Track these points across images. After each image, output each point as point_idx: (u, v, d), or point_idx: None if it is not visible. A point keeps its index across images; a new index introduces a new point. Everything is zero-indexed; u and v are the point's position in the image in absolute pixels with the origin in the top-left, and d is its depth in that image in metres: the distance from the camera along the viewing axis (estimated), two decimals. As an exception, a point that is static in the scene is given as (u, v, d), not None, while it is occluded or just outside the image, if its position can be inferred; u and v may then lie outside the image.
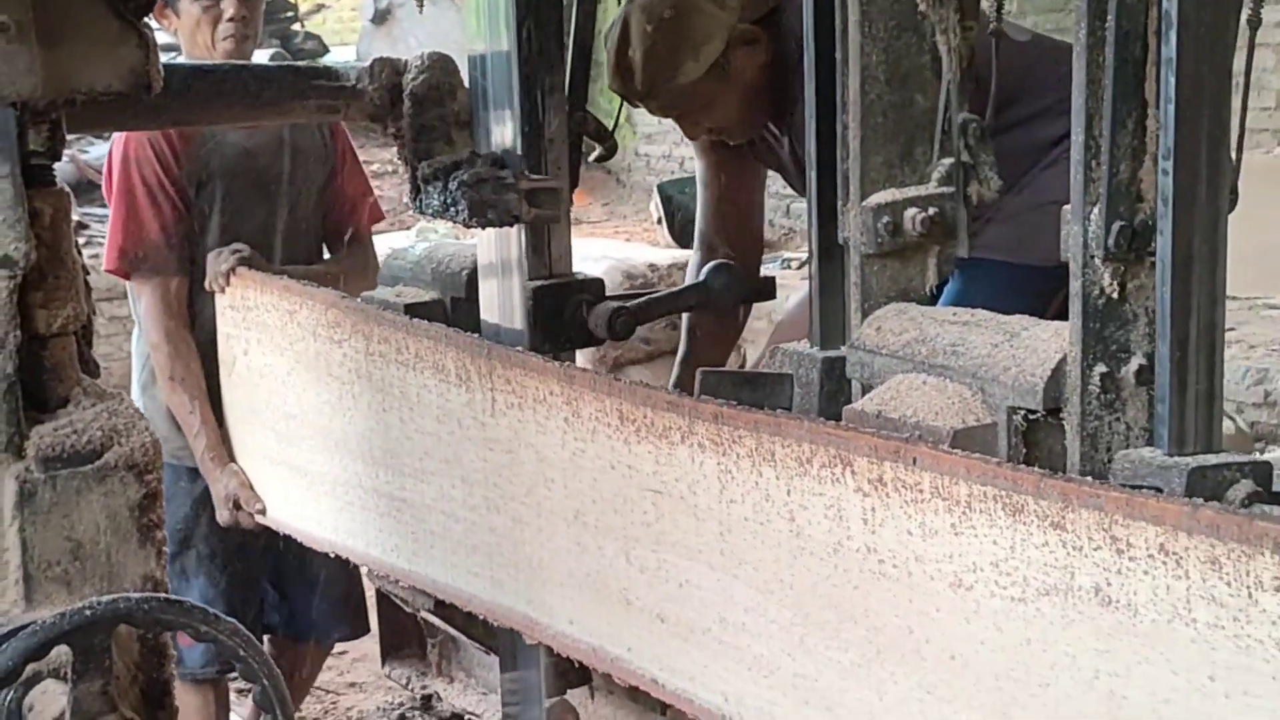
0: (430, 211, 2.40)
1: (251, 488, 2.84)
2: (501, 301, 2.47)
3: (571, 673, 2.61)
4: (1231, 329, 7.13)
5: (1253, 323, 7.30)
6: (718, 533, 1.84)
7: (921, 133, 1.88)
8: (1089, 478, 1.52)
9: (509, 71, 2.37)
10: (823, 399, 1.92)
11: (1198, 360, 1.58)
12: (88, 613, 1.51)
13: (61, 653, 1.52)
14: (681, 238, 9.07)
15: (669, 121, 2.96)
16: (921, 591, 1.60)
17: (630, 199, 12.28)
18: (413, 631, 3.39)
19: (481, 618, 2.37)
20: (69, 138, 1.81)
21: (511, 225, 2.37)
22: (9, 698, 1.55)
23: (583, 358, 5.47)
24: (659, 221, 9.81)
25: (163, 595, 1.63)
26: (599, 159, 2.61)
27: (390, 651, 3.40)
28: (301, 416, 2.68)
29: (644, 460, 1.93)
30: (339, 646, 4.72)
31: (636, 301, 2.44)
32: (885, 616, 1.64)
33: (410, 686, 3.34)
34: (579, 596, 2.09)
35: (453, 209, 2.34)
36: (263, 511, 2.81)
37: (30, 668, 1.53)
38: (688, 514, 1.88)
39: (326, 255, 3.26)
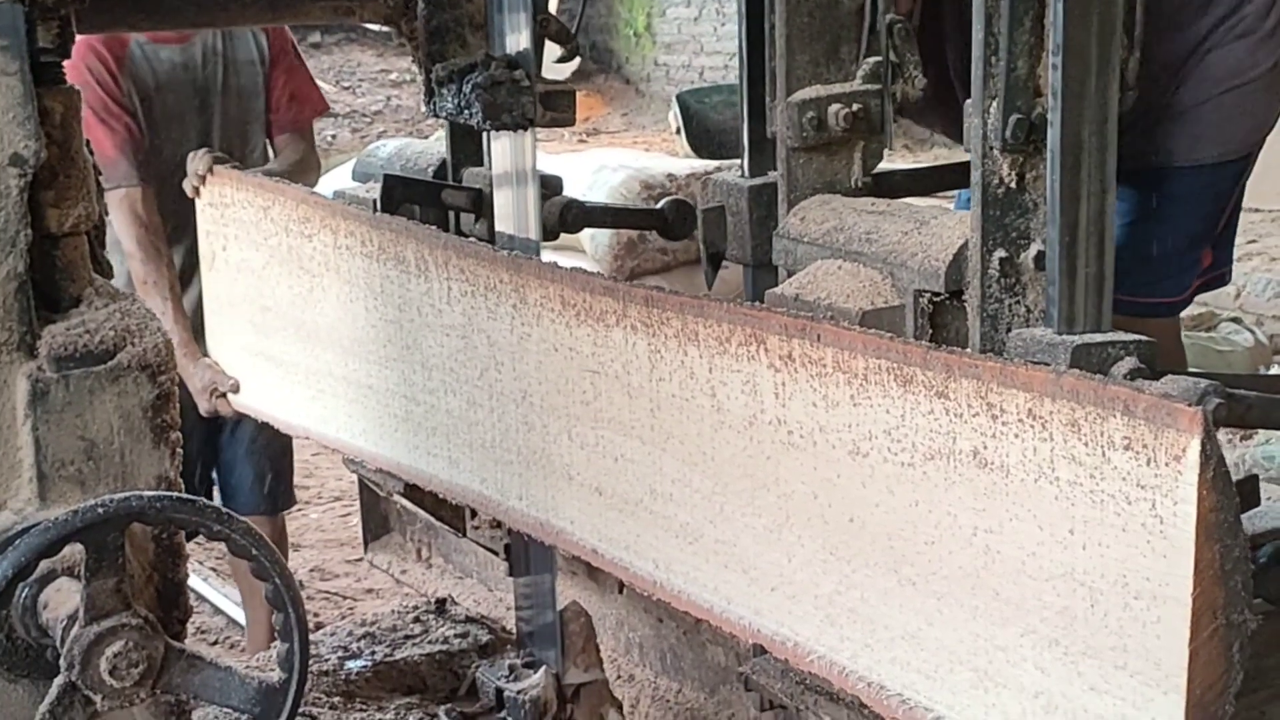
0: (444, 114, 2.42)
1: (223, 372, 2.97)
2: (516, 212, 2.46)
3: (534, 554, 2.74)
4: (1253, 241, 7.15)
5: (1275, 234, 7.31)
6: (649, 409, 1.96)
7: (846, 33, 1.97)
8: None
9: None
10: (753, 224, 2.02)
11: (1088, 246, 1.68)
12: (100, 510, 1.50)
13: (76, 551, 1.52)
14: (699, 148, 9.05)
15: (689, 30, 2.96)
16: (825, 459, 1.71)
17: (649, 109, 12.30)
18: (393, 519, 3.54)
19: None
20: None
21: (526, 129, 2.37)
22: (24, 594, 1.56)
23: (599, 266, 5.54)
24: (677, 132, 9.79)
25: (176, 494, 1.60)
26: (561, 60, 2.70)
27: (371, 538, 3.56)
28: (276, 309, 2.80)
29: (583, 342, 2.04)
30: (353, 554, 4.87)
31: (593, 203, 2.54)
32: (794, 484, 1.76)
33: (390, 571, 3.49)
34: (527, 473, 2.21)
35: (467, 111, 2.35)
36: (236, 388, 2.94)
37: (44, 565, 1.52)
38: (622, 392, 1.99)
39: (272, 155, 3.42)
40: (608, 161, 6.29)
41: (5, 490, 1.59)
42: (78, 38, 1.70)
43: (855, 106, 1.96)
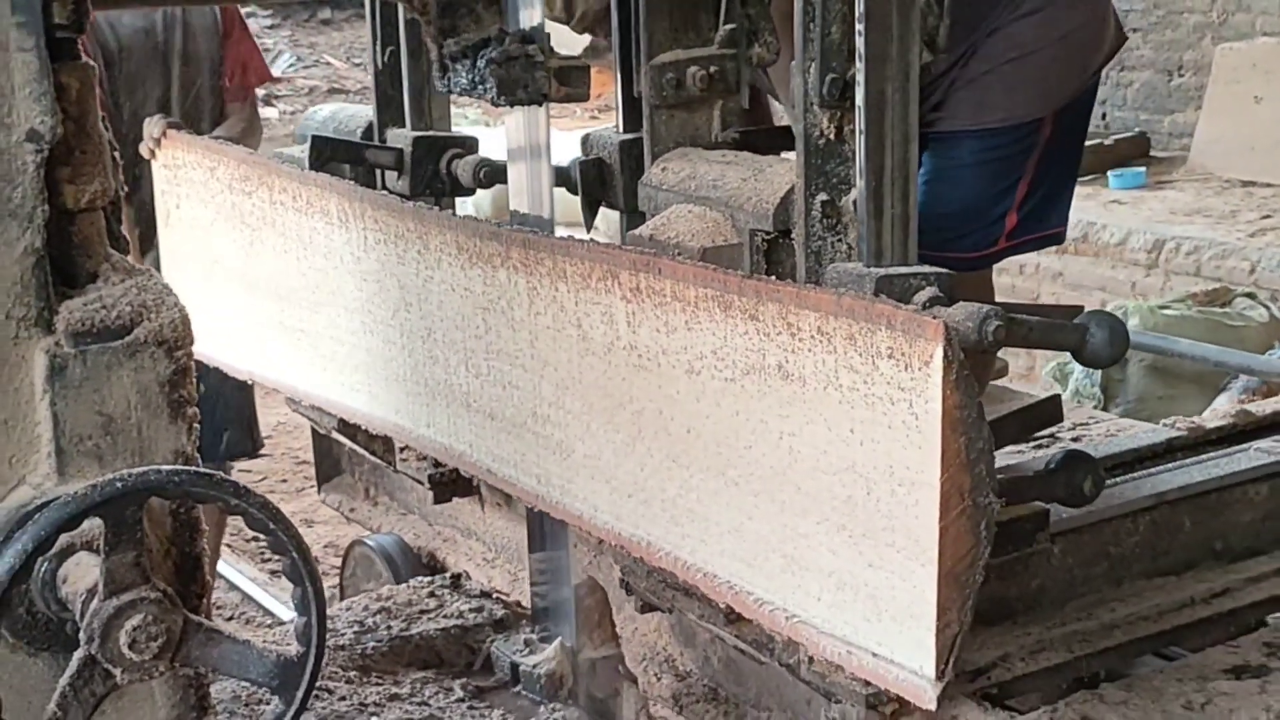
0: (458, 90, 2.46)
1: None
2: (530, 187, 2.52)
3: (458, 483, 2.99)
4: (1267, 216, 7.32)
5: (1287, 211, 7.48)
6: (529, 340, 2.20)
7: (704, 1, 2.21)
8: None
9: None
10: (625, 175, 2.26)
11: (893, 189, 1.92)
12: (119, 484, 1.50)
13: (94, 525, 1.52)
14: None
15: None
16: (667, 379, 1.96)
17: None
18: (344, 461, 3.79)
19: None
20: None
21: (540, 104, 2.43)
22: (43, 569, 1.56)
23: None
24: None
25: (193, 469, 1.61)
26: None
27: (324, 480, 3.81)
28: (223, 262, 3.04)
29: (476, 282, 2.28)
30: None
31: (504, 161, 2.78)
32: (644, 402, 2.01)
33: (341, 510, 3.73)
34: (433, 402, 2.46)
35: (480, 87, 2.39)
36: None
37: (63, 539, 1.53)
38: (507, 326, 2.24)
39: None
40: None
41: (24, 465, 1.60)
42: None
43: (712, 69, 2.20)
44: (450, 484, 2.95)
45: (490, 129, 8.55)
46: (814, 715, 2.48)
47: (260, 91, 3.87)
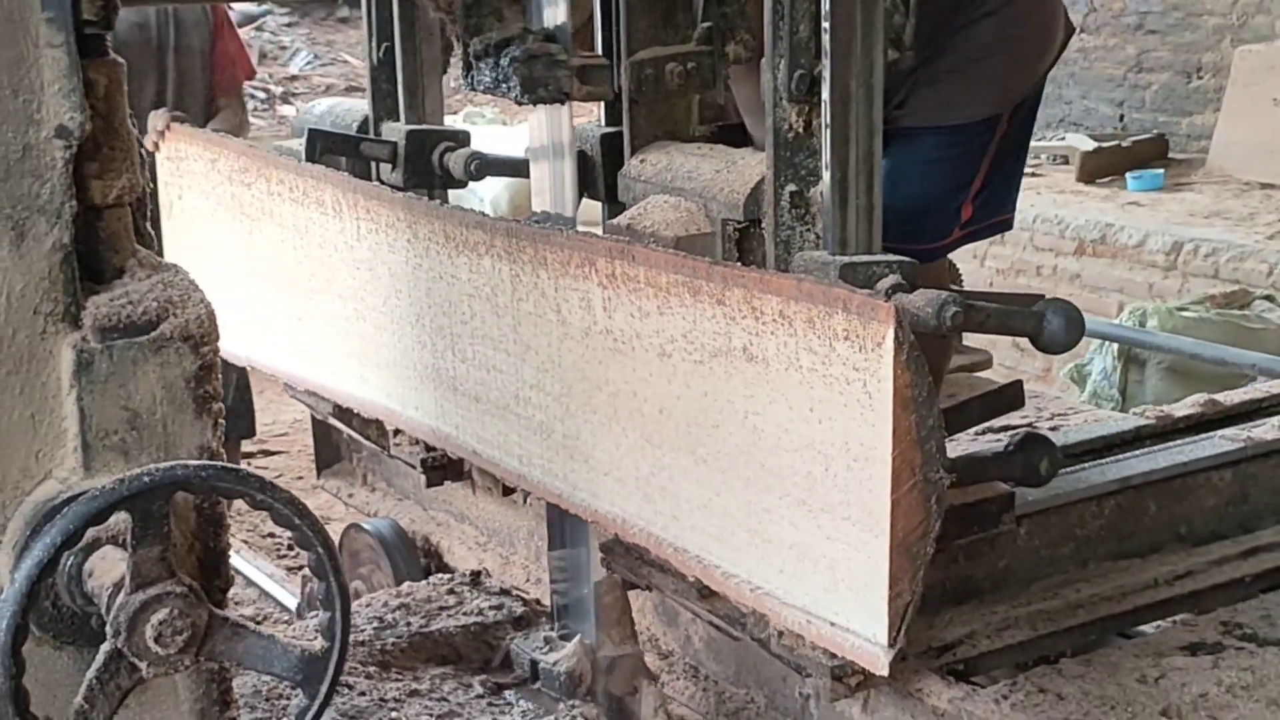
0: (482, 88, 2.50)
1: None
2: (553, 185, 2.54)
3: (449, 467, 3.07)
4: None
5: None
6: (512, 325, 2.28)
7: (681, 1, 2.29)
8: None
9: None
10: (606, 166, 2.34)
11: (858, 180, 2.00)
12: (146, 479, 1.50)
13: (120, 519, 1.53)
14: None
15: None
16: (640, 361, 2.04)
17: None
18: (344, 449, 3.88)
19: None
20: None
21: (563, 102, 2.47)
22: (69, 562, 1.57)
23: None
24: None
25: (220, 464, 1.61)
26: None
27: (324, 466, 3.90)
28: (223, 251, 3.13)
29: (462, 270, 2.37)
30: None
31: (495, 155, 2.87)
32: (619, 384, 2.09)
33: (339, 495, 3.82)
34: (422, 385, 2.54)
35: (504, 85, 2.43)
36: None
37: (90, 533, 1.52)
38: (492, 312, 2.32)
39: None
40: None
41: (51, 459, 1.60)
42: None
43: (689, 65, 2.28)
44: (441, 468, 3.02)
45: (507, 128, 8.64)
46: (790, 692, 2.56)
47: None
